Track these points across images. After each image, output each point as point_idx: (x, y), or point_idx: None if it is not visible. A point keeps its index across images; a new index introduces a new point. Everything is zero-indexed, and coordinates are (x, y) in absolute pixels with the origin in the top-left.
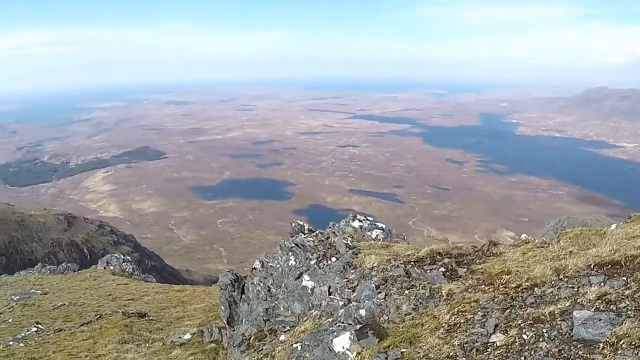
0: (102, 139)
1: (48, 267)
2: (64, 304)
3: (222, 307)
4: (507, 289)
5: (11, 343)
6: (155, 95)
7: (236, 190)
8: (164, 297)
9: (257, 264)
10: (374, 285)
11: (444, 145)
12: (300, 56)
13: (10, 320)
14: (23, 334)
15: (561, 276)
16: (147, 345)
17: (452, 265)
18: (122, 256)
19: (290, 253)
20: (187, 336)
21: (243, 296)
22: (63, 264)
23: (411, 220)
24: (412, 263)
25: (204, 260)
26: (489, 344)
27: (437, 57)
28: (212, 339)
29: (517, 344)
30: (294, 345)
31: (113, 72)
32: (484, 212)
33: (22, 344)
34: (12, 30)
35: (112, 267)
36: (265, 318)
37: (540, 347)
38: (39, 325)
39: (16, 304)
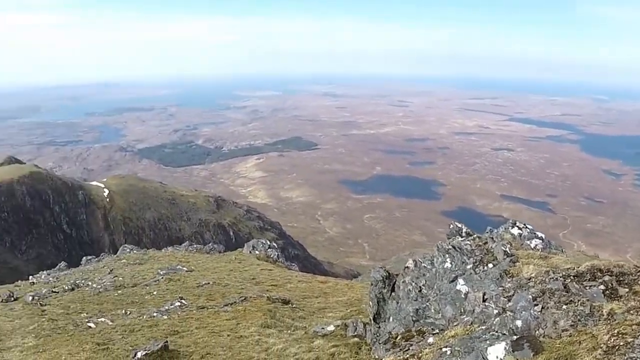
0: (257, 126)
1: (195, 246)
2: (208, 283)
3: (370, 303)
4: None
5: (155, 314)
6: (312, 86)
7: (386, 186)
8: (306, 286)
9: (410, 263)
10: (531, 297)
11: (601, 154)
12: (456, 53)
13: (155, 293)
14: (167, 307)
15: None
16: (289, 332)
17: (612, 284)
18: (267, 242)
19: (446, 255)
20: (331, 328)
21: (393, 294)
22: (209, 244)
23: (561, 233)
24: (571, 277)
25: (347, 253)
26: None
27: (599, 60)
28: (355, 333)
29: None
30: (443, 349)
31: (272, 61)
32: (639, 230)
33: (165, 317)
34: (178, 18)
35: (257, 252)
36: (414, 318)
37: None
38: (183, 301)
39: (162, 278)
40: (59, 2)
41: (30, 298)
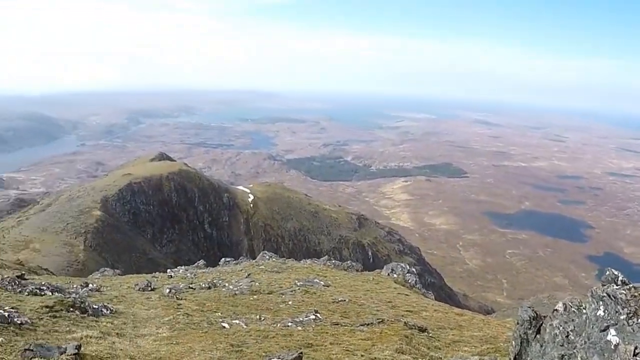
0: (407, 148)
1: (333, 261)
2: (344, 300)
3: (513, 342)
4: None
5: (289, 324)
6: (465, 112)
7: (532, 222)
8: (442, 316)
9: (559, 306)
10: None
11: None
12: (617, 86)
13: (290, 303)
14: (301, 319)
15: None
16: None
17: None
18: (407, 266)
19: (600, 302)
20: None
21: (537, 336)
22: (348, 262)
23: None
24: None
25: (483, 288)
26: None
27: None
28: None
29: None
30: None
31: (425, 83)
32: None
33: (299, 328)
34: (340, 33)
35: (395, 275)
36: None
37: None
38: (318, 314)
39: (298, 289)
40: (220, 8)
41: (168, 290)
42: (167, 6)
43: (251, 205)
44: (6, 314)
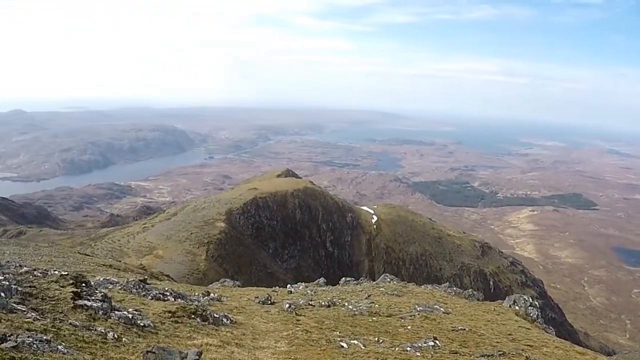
0: (536, 176)
1: (454, 288)
2: (464, 329)
3: None
4: None
5: (408, 349)
6: (597, 141)
7: None
8: (563, 354)
9: None
10: None
11: None
12: None
13: (409, 327)
14: (420, 344)
15: None
16: None
17: None
18: (529, 299)
19: None
20: None
21: None
22: (469, 290)
23: None
24: None
25: (606, 327)
26: None
27: None
28: None
29: None
30: None
31: (556, 109)
32: None
33: (418, 353)
34: (468, 56)
35: (517, 307)
36: None
37: None
38: (437, 341)
39: (418, 314)
40: (348, 27)
41: (287, 305)
42: (293, 26)
43: (374, 226)
44: (130, 315)
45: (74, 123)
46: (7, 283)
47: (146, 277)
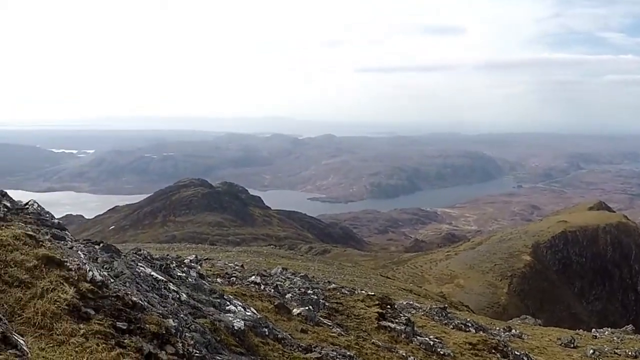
0: None
1: None
2: None
3: None
4: None
5: None
6: None
7: None
8: None
9: None
10: None
11: None
12: None
13: None
14: None
15: None
16: None
17: None
18: None
19: None
20: None
21: None
22: None
23: None
24: None
25: None
26: None
27: None
28: None
29: None
30: None
31: None
32: None
33: None
34: None
35: None
36: None
37: None
38: None
39: None
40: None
41: (591, 352)
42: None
43: None
44: (431, 342)
45: (382, 147)
46: (316, 297)
47: (446, 305)
